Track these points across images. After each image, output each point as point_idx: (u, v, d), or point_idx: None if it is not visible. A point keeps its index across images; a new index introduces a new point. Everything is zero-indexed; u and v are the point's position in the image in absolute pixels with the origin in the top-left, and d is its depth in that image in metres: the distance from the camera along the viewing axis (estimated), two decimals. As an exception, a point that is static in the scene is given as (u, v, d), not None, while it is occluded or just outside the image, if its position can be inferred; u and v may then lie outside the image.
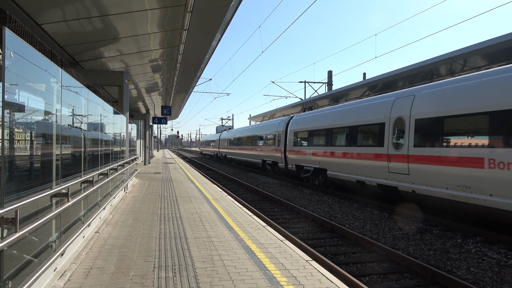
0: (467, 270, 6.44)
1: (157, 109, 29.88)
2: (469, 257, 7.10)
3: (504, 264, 6.68)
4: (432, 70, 16.99)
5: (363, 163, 12.44)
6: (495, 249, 7.51)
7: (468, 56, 14.69)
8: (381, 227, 9.53)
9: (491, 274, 6.23)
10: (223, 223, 7.25)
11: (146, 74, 15.69)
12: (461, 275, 6.23)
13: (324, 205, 12.77)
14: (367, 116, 12.88)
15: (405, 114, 10.78)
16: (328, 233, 9.12)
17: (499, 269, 6.44)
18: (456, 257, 7.12)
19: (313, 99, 28.66)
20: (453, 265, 6.69)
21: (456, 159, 8.59)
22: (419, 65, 16.66)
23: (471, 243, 7.92)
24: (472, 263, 6.75)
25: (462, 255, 7.20)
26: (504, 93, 7.69)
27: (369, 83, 21.08)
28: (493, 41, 13.04)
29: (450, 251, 7.46)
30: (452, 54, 14.86)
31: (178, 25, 9.05)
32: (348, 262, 6.93)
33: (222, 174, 24.77)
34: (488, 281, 5.95)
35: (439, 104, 9.48)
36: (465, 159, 8.33)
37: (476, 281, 5.95)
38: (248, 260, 4.94)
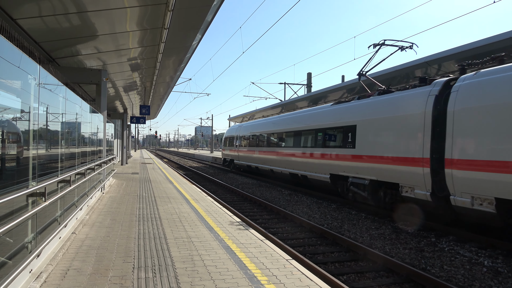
0: (440, 268, 6.66)
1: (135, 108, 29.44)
2: (442, 255, 7.34)
3: (475, 261, 6.94)
4: (408, 74, 17.45)
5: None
6: (466, 247, 7.79)
7: (443, 61, 15.17)
8: (358, 227, 9.72)
9: (463, 271, 6.46)
10: (203, 223, 7.23)
11: (124, 73, 15.44)
12: (435, 272, 6.43)
13: (303, 205, 12.90)
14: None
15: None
16: (307, 233, 9.22)
17: (471, 266, 6.69)
18: (430, 255, 7.35)
19: (292, 101, 28.91)
20: (428, 263, 6.90)
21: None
22: (396, 69, 17.07)
23: (444, 242, 8.18)
24: (445, 261, 6.98)
25: (436, 254, 7.43)
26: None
27: (348, 86, 21.44)
28: (466, 47, 13.51)
29: (424, 250, 7.68)
30: (427, 59, 15.30)
31: (158, 23, 8.96)
32: (327, 261, 7.04)
33: (201, 174, 24.63)
34: (460, 278, 6.17)
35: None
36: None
37: (449, 278, 6.16)
38: (229, 260, 4.95)
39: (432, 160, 8.84)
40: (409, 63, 16.27)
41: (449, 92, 8.87)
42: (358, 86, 20.96)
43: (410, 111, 9.72)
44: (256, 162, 22.03)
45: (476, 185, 7.64)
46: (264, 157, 20.50)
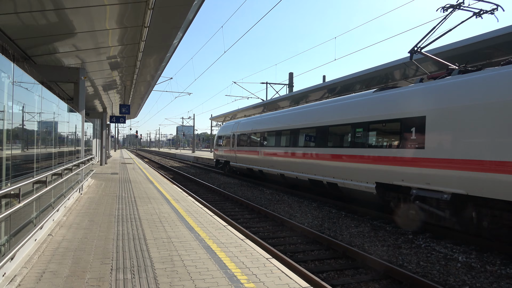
0: (417, 264, 6.83)
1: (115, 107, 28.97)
2: (419, 252, 7.53)
3: (450, 257, 7.14)
4: (387, 75, 17.79)
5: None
6: (442, 244, 8.01)
7: (421, 62, 15.52)
8: (338, 225, 9.86)
9: (439, 267, 6.64)
10: (184, 223, 7.19)
11: (103, 71, 15.18)
12: (411, 269, 6.59)
13: (284, 204, 12.99)
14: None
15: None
16: (287, 231, 9.29)
17: (446, 262, 6.89)
18: (407, 252, 7.52)
19: (274, 100, 29.02)
20: (405, 259, 7.06)
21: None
22: (375, 70, 17.37)
23: (421, 239, 8.39)
24: (421, 258, 7.16)
25: (412, 250, 7.61)
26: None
27: (329, 86, 21.69)
28: (442, 49, 13.88)
29: (402, 247, 7.86)
30: (405, 60, 15.63)
31: (138, 22, 8.85)
32: (307, 259, 7.11)
33: (182, 174, 24.46)
34: (435, 273, 6.35)
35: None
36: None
37: (425, 274, 6.32)
38: (209, 260, 4.95)
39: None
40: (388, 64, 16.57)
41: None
42: (339, 86, 21.26)
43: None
44: (260, 165, 18.41)
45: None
46: (272, 159, 16.83)
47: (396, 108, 9.75)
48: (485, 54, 15.86)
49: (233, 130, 22.98)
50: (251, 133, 20.01)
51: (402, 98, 9.73)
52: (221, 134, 25.47)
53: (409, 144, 9.07)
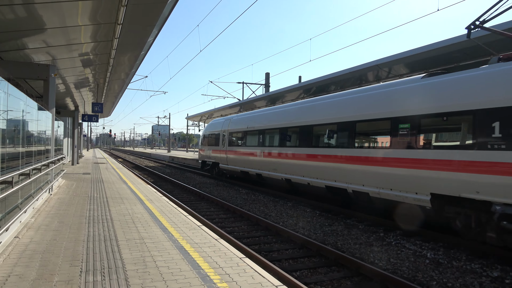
0: (387, 261, 7.01)
1: (88, 106, 28.24)
2: (389, 249, 7.73)
3: (419, 254, 7.37)
4: (361, 76, 18.16)
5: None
6: (412, 241, 8.25)
7: (393, 65, 15.94)
8: (312, 224, 9.98)
9: (408, 263, 6.84)
10: (157, 224, 7.10)
11: (75, 69, 14.78)
12: (382, 265, 6.76)
13: (259, 204, 13.03)
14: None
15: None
16: (262, 231, 9.34)
17: (415, 258, 7.10)
18: (378, 249, 7.71)
19: (251, 100, 29.07)
20: (376, 257, 7.24)
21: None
22: (349, 71, 17.70)
23: (392, 237, 8.61)
24: (392, 255, 7.35)
25: (384, 248, 7.81)
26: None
27: (304, 86, 21.94)
28: (414, 52, 14.30)
29: (373, 244, 8.05)
30: (378, 62, 16.02)
31: (112, 18, 8.67)
32: (281, 258, 7.17)
33: (157, 174, 24.12)
34: (405, 270, 6.53)
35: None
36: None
37: (395, 271, 6.50)
38: (182, 260, 4.91)
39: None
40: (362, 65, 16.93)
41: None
42: (314, 86, 21.53)
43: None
44: (258, 168, 15.87)
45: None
46: (275, 161, 14.45)
47: (469, 96, 7.33)
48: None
49: (223, 127, 20.44)
50: (246, 131, 17.40)
51: (474, 81, 7.38)
52: (209, 132, 22.78)
53: (491, 143, 6.82)
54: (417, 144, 8.35)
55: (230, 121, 19.92)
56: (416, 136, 8.37)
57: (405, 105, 8.80)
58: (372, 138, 10.03)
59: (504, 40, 11.21)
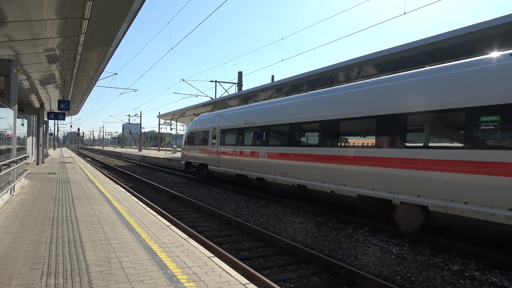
0: (355, 257, 7.16)
1: (54, 103, 27.23)
2: (357, 245, 7.90)
3: (385, 250, 7.57)
4: (332, 76, 18.47)
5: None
6: (379, 237, 8.47)
7: (362, 65, 16.30)
8: (283, 222, 10.06)
9: (374, 259, 7.02)
10: (125, 224, 6.95)
11: (41, 64, 14.20)
12: (350, 262, 6.90)
13: (231, 203, 13.01)
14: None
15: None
16: (234, 230, 9.32)
17: (381, 254, 7.29)
18: (347, 246, 7.86)
19: (224, 99, 28.97)
20: (344, 253, 7.38)
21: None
22: (320, 71, 17.97)
23: (360, 233, 8.81)
24: (359, 251, 7.52)
25: (352, 244, 7.97)
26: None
27: (277, 86, 22.09)
28: (383, 53, 14.68)
29: (342, 241, 8.20)
30: (348, 63, 16.34)
31: (78, 13, 8.39)
32: (251, 256, 7.18)
33: (127, 173, 23.61)
34: (371, 265, 6.69)
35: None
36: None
37: (362, 266, 6.64)
38: (149, 261, 4.82)
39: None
40: (333, 66, 17.22)
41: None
42: (287, 86, 21.70)
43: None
44: (260, 171, 13.53)
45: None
46: (284, 163, 12.05)
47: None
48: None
49: (213, 124, 18.03)
50: (244, 127, 14.99)
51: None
52: (195, 129, 20.35)
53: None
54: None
55: (223, 116, 17.43)
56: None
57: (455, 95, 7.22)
58: (454, 133, 7.58)
59: (467, 43, 11.74)
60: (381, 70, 16.50)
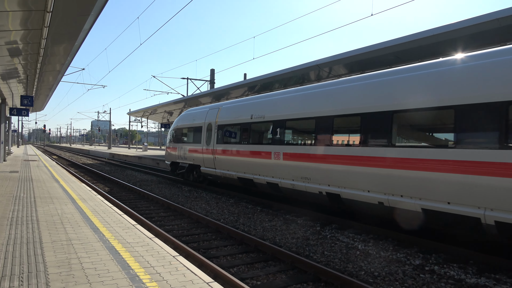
0: (322, 254, 7.28)
1: (17, 98, 26.07)
2: (324, 242, 8.03)
3: (351, 246, 7.74)
4: (303, 75, 18.67)
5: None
6: (346, 234, 8.65)
7: (332, 65, 16.56)
8: (253, 220, 10.09)
9: (340, 255, 7.16)
10: (88, 224, 6.75)
11: (2, 58, 13.55)
12: (316, 258, 7.00)
13: (202, 201, 12.92)
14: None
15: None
16: (203, 228, 9.26)
17: (347, 250, 7.45)
18: (314, 243, 7.98)
19: (196, 96, 28.69)
20: (311, 250, 7.48)
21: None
22: (292, 70, 18.13)
23: (327, 230, 8.96)
24: (326, 247, 7.65)
25: (319, 241, 8.10)
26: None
27: (249, 83, 22.10)
28: (352, 53, 14.97)
29: (309, 238, 8.32)
30: (318, 62, 16.56)
31: (41, 5, 8.05)
32: (219, 255, 7.16)
33: (95, 172, 22.97)
34: (337, 261, 6.83)
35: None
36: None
37: (328, 263, 6.76)
38: (111, 261, 4.71)
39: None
40: (303, 65, 17.41)
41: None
42: (259, 84, 21.75)
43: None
44: (273, 175, 11.28)
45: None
46: (312, 166, 9.66)
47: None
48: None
49: (208, 119, 15.57)
50: (250, 123, 12.58)
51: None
52: (183, 125, 17.86)
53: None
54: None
55: (220, 110, 14.97)
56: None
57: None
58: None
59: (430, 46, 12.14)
60: (351, 70, 16.83)
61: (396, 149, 7.62)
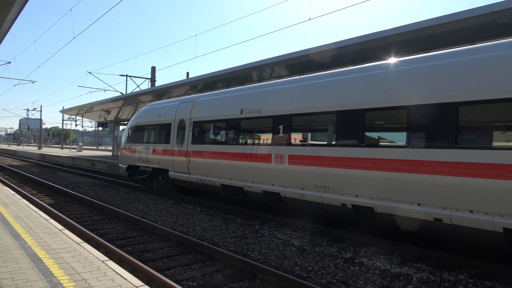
0: (259, 251, 7.38)
1: None
2: (262, 240, 8.16)
3: (288, 243, 7.94)
4: (246, 75, 18.82)
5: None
6: (283, 231, 8.85)
7: (274, 66, 16.88)
8: (192, 220, 9.96)
9: (277, 252, 7.31)
10: (8, 230, 6.22)
11: None
12: (253, 256, 7.08)
13: (139, 203, 12.49)
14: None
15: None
16: (139, 231, 8.96)
17: (284, 247, 7.63)
18: (252, 241, 8.07)
19: (136, 94, 27.69)
20: (249, 248, 7.56)
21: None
22: (234, 70, 18.19)
23: (266, 228, 9.11)
24: (264, 245, 7.77)
25: (257, 239, 8.20)
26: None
27: (192, 82, 21.81)
28: (292, 55, 15.37)
29: (248, 237, 8.39)
30: (260, 63, 16.79)
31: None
32: (155, 257, 6.97)
33: (22, 174, 21.24)
34: (274, 258, 6.96)
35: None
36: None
37: (265, 260, 6.87)
38: (32, 269, 4.38)
39: None
40: (246, 65, 17.55)
41: None
42: (201, 83, 21.52)
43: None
44: (273, 182, 9.37)
45: None
46: (333, 173, 7.89)
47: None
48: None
49: (179, 114, 13.15)
50: (241, 119, 10.47)
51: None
52: (145, 122, 15.27)
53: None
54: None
55: (197, 103, 12.58)
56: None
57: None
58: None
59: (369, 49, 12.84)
60: (291, 72, 17.28)
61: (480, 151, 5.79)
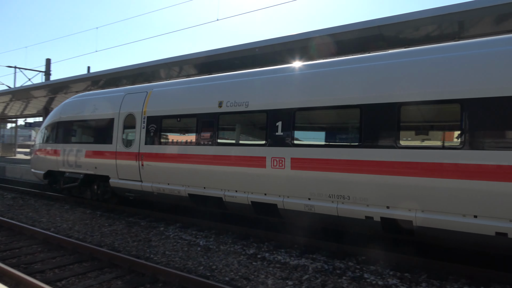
0: (163, 254, 7.19)
1: None
2: (167, 242, 7.97)
3: (193, 243, 7.89)
4: (153, 72, 18.24)
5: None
6: (189, 232, 8.76)
7: (183, 64, 16.64)
8: (91, 226, 9.29)
9: (181, 253, 7.21)
10: None
11: None
12: (157, 259, 6.88)
13: (29, 209, 11.24)
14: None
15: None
16: (26, 240, 8.06)
17: (188, 248, 7.56)
18: (156, 244, 7.83)
19: (27, 88, 24.89)
20: (152, 251, 7.32)
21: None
22: (141, 66, 17.51)
23: (171, 230, 8.92)
24: (168, 247, 7.60)
25: (161, 242, 7.99)
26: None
27: (94, 77, 20.44)
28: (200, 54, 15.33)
29: (152, 240, 8.12)
30: (168, 61, 16.43)
31: None
32: (45, 269, 6.35)
33: None
34: (178, 260, 6.85)
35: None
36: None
37: (168, 262, 6.72)
38: None
39: None
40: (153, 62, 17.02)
41: None
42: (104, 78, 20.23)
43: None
44: (266, 191, 7.86)
45: None
46: (354, 179, 6.65)
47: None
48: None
49: (126, 108, 10.72)
50: (219, 113, 8.62)
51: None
52: (73, 117, 12.40)
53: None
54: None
55: (151, 94, 10.28)
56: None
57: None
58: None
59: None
60: (200, 71, 17.20)
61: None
